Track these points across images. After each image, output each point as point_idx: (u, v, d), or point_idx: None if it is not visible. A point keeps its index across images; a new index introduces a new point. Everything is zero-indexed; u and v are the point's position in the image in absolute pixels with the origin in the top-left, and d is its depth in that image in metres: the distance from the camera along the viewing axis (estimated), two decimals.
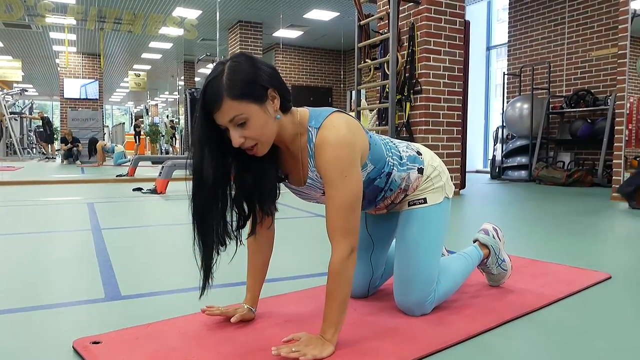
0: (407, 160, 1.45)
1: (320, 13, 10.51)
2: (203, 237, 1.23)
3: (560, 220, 3.56)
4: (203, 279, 1.27)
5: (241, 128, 1.16)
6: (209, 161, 1.19)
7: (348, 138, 1.21)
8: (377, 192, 1.41)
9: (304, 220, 3.54)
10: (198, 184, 1.20)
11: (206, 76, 1.19)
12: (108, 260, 2.23)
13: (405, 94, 5.14)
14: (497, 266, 1.73)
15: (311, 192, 1.37)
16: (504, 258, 1.74)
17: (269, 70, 1.20)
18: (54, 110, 28.40)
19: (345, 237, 1.20)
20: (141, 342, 1.25)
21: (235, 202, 1.29)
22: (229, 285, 1.80)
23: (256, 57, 1.21)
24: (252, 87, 1.15)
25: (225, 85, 1.13)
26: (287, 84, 11.17)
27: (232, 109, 1.14)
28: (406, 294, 1.44)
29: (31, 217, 3.73)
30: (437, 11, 5.10)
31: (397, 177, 1.41)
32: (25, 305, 1.60)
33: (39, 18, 9.83)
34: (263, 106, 1.17)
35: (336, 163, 1.19)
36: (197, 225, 1.23)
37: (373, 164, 1.34)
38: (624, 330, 1.40)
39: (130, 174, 7.49)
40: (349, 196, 1.20)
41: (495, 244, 1.73)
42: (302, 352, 1.13)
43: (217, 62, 1.21)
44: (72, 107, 14.56)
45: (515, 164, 7.82)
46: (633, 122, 5.67)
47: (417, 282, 1.43)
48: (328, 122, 1.23)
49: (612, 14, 6.95)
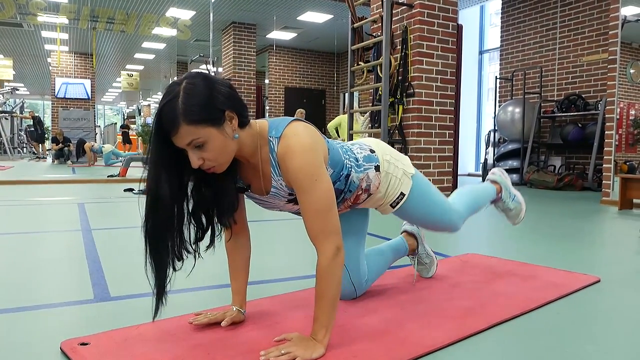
0: (364, 160, 1.47)
1: (314, 15, 10.52)
2: (157, 257, 1.22)
3: (550, 224, 3.58)
4: (156, 299, 1.24)
5: (199, 150, 1.16)
6: (166, 182, 1.18)
7: (310, 143, 1.23)
8: (338, 194, 1.43)
9: (293, 223, 3.54)
10: (152, 205, 1.19)
11: (160, 97, 1.16)
12: (98, 261, 2.22)
13: (398, 96, 5.15)
14: (511, 200, 1.91)
15: (275, 201, 1.38)
16: (515, 193, 1.95)
17: (225, 91, 1.18)
18: (45, 110, 28.18)
19: (328, 238, 1.20)
20: (130, 344, 1.24)
21: (193, 216, 1.28)
22: (216, 287, 1.80)
23: (212, 77, 1.19)
24: (209, 111, 1.14)
25: (181, 110, 1.11)
26: (281, 85, 11.13)
27: (189, 133, 1.13)
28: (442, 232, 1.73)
29: (21, 217, 3.70)
30: (430, 15, 5.12)
31: (355, 178, 1.44)
32: (12, 306, 1.58)
33: (31, 17, 9.76)
34: (221, 128, 1.16)
35: (305, 169, 1.20)
36: (151, 245, 1.21)
37: (332, 167, 1.36)
38: (613, 333, 1.41)
39: (122, 174, 7.45)
40: (323, 198, 1.21)
41: (503, 181, 1.97)
42: (293, 353, 1.13)
43: (172, 82, 1.18)
44: (63, 107, 14.46)
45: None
46: (623, 127, 5.72)
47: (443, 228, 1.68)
48: (288, 130, 1.24)
49: (603, 19, 7.02)
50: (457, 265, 2.14)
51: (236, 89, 1.24)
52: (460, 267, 2.11)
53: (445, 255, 2.31)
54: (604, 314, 1.57)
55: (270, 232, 3.10)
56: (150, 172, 1.19)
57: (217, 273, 1.92)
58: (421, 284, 1.84)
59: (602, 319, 1.52)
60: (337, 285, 1.21)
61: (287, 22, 11.11)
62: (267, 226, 3.28)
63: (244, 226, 1.42)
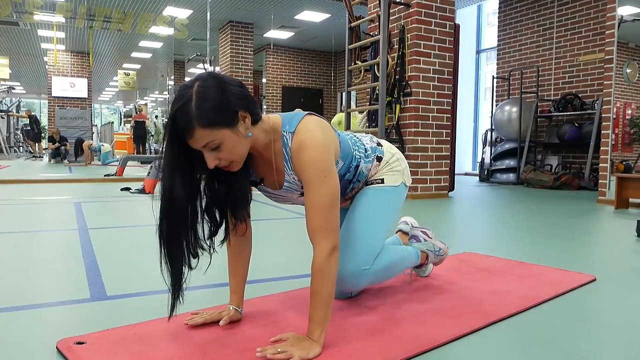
0: (371, 151, 1.54)
1: (311, 14, 10.52)
2: (172, 257, 1.21)
3: (546, 223, 3.59)
4: (173, 299, 1.24)
5: (215, 151, 1.17)
6: (180, 184, 1.18)
7: (323, 139, 1.25)
8: (347, 184, 1.47)
9: (291, 222, 3.54)
10: (168, 207, 1.18)
11: (173, 101, 1.16)
12: (94, 260, 2.21)
13: (395, 96, 5.16)
14: (436, 256, 1.81)
15: (288, 195, 1.40)
16: (439, 247, 1.81)
17: (237, 91, 1.18)
18: (41, 109, 28.10)
19: (326, 236, 1.21)
20: (126, 343, 1.24)
21: (207, 212, 1.29)
22: (213, 286, 1.80)
23: (223, 77, 1.18)
24: (222, 114, 1.14)
25: (195, 114, 1.11)
26: (278, 85, 11.11)
27: (204, 137, 1.13)
28: (343, 263, 1.38)
29: (17, 216, 3.69)
30: (428, 14, 5.13)
31: (364, 168, 1.50)
32: (8, 305, 1.58)
33: (27, 15, 9.72)
34: (235, 129, 1.17)
35: (315, 164, 1.22)
36: (167, 247, 1.20)
37: (342, 159, 1.41)
38: (608, 331, 1.41)
39: (119, 173, 7.44)
40: (329, 195, 1.23)
41: (430, 245, 1.80)
42: (289, 352, 1.13)
43: (183, 84, 1.17)
44: (60, 106, 14.41)
45: (504, 167, 7.88)
46: (619, 126, 5.74)
47: (356, 251, 1.42)
48: (302, 125, 1.26)
49: (599, 19, 7.04)
50: (454, 264, 2.14)
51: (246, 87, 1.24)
52: (457, 266, 2.11)
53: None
54: (599, 312, 1.58)
55: (267, 231, 3.09)
56: (164, 175, 1.18)
57: (214, 272, 1.92)
58: (418, 282, 1.84)
59: (598, 318, 1.52)
60: (332, 284, 1.22)
61: (285, 21, 11.11)
62: (265, 225, 3.28)
63: (248, 222, 1.42)
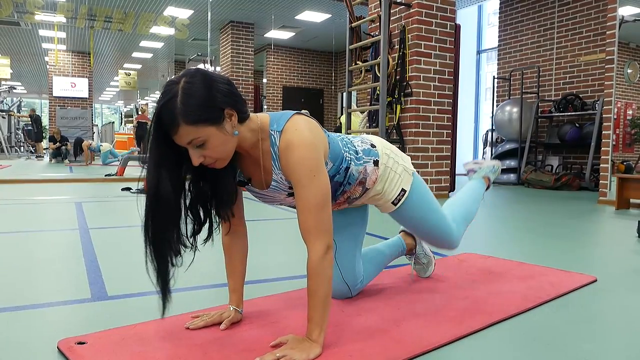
0: (363, 154, 1.48)
1: (311, 14, 10.52)
2: (158, 254, 1.21)
3: (547, 224, 3.59)
4: (162, 297, 1.24)
5: (200, 149, 1.16)
6: (167, 180, 1.18)
7: (312, 139, 1.23)
8: (337, 187, 1.44)
9: (289, 222, 3.54)
10: (154, 204, 1.18)
11: (159, 96, 1.15)
12: (95, 260, 2.21)
13: (395, 96, 5.16)
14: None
15: (275, 195, 1.38)
16: (492, 165, 2.04)
17: (224, 88, 1.18)
18: (42, 109, 28.10)
19: (319, 236, 1.20)
20: (127, 343, 1.24)
21: (191, 210, 1.28)
22: (212, 287, 1.80)
23: (210, 74, 1.18)
24: (208, 111, 1.14)
25: (180, 110, 1.11)
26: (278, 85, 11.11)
27: (188, 133, 1.13)
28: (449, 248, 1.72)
29: (18, 216, 3.69)
30: (428, 14, 5.12)
31: (354, 171, 1.44)
32: (9, 305, 1.58)
33: (28, 15, 9.73)
34: (220, 127, 1.16)
35: (304, 164, 1.20)
36: (152, 243, 1.20)
37: (332, 161, 1.37)
38: (609, 332, 1.41)
39: (120, 173, 7.44)
40: (319, 195, 1.21)
41: (485, 170, 2.02)
42: (289, 356, 1.13)
43: (169, 80, 1.17)
44: (60, 106, 14.42)
45: (504, 167, 7.87)
46: (620, 126, 5.74)
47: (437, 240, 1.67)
48: (290, 124, 1.24)
49: (600, 19, 7.03)
50: (455, 265, 2.14)
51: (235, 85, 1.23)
52: (458, 267, 2.11)
53: (442, 255, 2.32)
54: (600, 313, 1.58)
55: (266, 231, 3.10)
56: (150, 171, 1.18)
57: (214, 272, 1.93)
58: (418, 283, 1.84)
59: (599, 318, 1.52)
60: (328, 283, 1.21)
61: (285, 22, 11.11)
62: (264, 225, 3.28)
63: (241, 221, 1.42)
